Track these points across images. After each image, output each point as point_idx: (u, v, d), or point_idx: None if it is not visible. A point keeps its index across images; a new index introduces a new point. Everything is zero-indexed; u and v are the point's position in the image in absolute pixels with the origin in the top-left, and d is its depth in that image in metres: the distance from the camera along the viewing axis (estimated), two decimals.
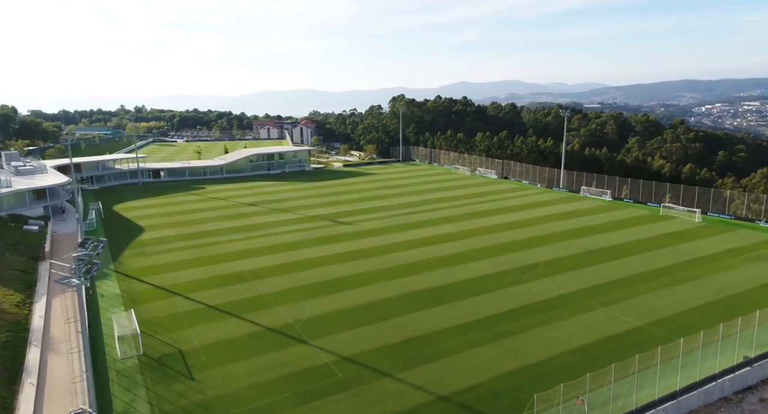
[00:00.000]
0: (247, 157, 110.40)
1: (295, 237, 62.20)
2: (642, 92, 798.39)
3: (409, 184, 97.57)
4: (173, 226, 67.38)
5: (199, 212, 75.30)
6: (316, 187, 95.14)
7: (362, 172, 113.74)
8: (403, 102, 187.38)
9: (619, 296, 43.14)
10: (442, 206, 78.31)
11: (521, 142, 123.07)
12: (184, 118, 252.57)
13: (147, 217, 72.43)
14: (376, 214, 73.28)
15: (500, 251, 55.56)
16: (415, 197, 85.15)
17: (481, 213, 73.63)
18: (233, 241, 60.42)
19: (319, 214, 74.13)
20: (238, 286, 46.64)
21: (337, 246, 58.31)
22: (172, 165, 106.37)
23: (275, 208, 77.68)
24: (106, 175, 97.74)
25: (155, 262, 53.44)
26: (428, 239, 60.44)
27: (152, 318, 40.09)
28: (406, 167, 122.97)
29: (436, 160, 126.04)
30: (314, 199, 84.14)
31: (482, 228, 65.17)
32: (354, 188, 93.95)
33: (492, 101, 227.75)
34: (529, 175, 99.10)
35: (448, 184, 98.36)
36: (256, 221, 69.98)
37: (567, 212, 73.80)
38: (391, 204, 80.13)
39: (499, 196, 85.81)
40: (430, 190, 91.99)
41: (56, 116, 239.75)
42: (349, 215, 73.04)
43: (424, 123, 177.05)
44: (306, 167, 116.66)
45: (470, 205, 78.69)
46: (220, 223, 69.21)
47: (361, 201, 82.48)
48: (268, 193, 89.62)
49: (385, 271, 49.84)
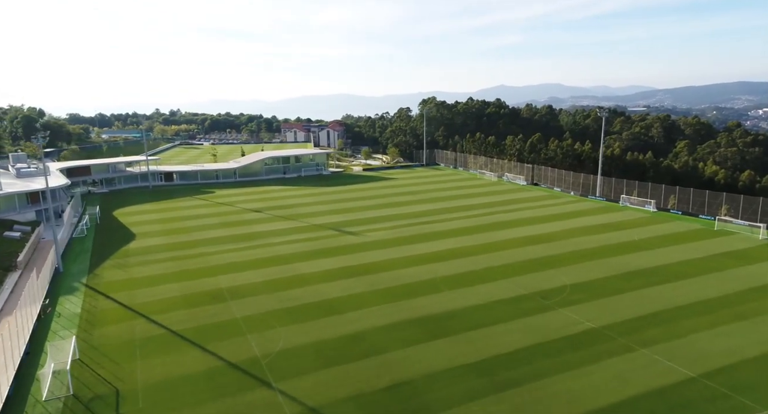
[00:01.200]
0: (262, 161, 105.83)
1: (292, 248, 56.24)
2: (692, 95, 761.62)
3: (428, 191, 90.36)
4: (166, 234, 62.68)
5: (199, 219, 70.55)
6: (329, 193, 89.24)
7: (381, 177, 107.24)
8: (433, 104, 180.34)
9: (664, 334, 34.87)
10: (460, 216, 70.82)
11: (556, 145, 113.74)
12: (215, 121, 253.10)
13: (143, 224, 68.16)
14: (386, 224, 66.57)
15: (520, 270, 47.83)
16: (432, 205, 77.91)
17: (502, 224, 65.75)
18: (223, 253, 54.98)
19: (326, 222, 68.06)
20: (211, 306, 40.86)
21: (336, 260, 51.94)
22: (184, 168, 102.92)
23: (280, 215, 72.12)
24: (116, 178, 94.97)
25: (132, 275, 48.44)
26: (438, 254, 53.26)
27: (103, 345, 34.66)
28: (428, 172, 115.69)
29: (462, 164, 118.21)
30: (324, 206, 78.18)
31: (502, 242, 57.42)
32: (369, 194, 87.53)
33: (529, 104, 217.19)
34: (563, 182, 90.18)
35: (470, 190, 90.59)
36: (256, 230, 64.53)
37: (602, 225, 65.01)
38: (405, 212, 73.21)
39: (525, 205, 77.50)
40: (449, 197, 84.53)
41: (92, 119, 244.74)
42: (357, 224, 66.64)
43: (454, 126, 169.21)
44: (323, 171, 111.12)
45: (492, 215, 70.86)
46: (216, 231, 64.09)
47: (373, 208, 75.94)
48: (277, 199, 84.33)
49: (383, 293, 43.06)
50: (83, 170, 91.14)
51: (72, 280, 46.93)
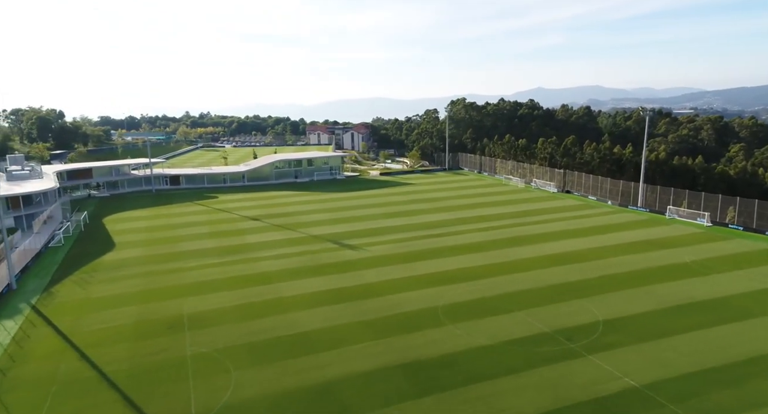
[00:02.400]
0: (272, 164, 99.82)
1: (279, 264, 49.25)
2: (744, 96, 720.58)
3: (446, 198, 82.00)
4: (148, 245, 56.84)
5: (189, 227, 64.61)
6: (338, 200, 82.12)
7: (398, 182, 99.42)
8: (461, 105, 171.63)
9: (735, 401, 25.87)
10: (477, 227, 62.33)
11: (592, 148, 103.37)
12: (242, 123, 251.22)
13: (129, 232, 62.70)
14: (392, 236, 58.84)
15: (542, 299, 39.25)
16: (448, 214, 69.60)
17: (526, 239, 56.94)
18: (202, 268, 48.49)
19: (326, 232, 60.90)
20: (163, 339, 34.14)
21: (325, 280, 44.60)
22: (191, 171, 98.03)
23: (278, 224, 65.41)
24: (119, 182, 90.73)
25: (91, 294, 42.39)
26: (446, 275, 45.16)
27: (12, 390, 28.31)
28: (450, 177, 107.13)
29: (488, 169, 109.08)
30: (328, 214, 71.05)
31: (523, 261, 48.78)
32: (380, 201, 79.92)
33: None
34: (599, 190, 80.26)
35: (493, 198, 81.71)
36: (247, 241, 57.96)
37: (646, 242, 55.36)
38: (416, 222, 65.25)
39: (554, 216, 68.23)
40: (468, 205, 75.96)
41: (122, 122, 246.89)
42: (361, 236, 59.18)
43: (483, 128, 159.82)
44: (337, 175, 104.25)
45: (514, 227, 62.07)
46: (203, 242, 57.86)
47: (381, 217, 68.30)
48: (280, 205, 77.78)
49: (371, 326, 35.42)
50: (84, 173, 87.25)
51: (20, 300, 41.24)
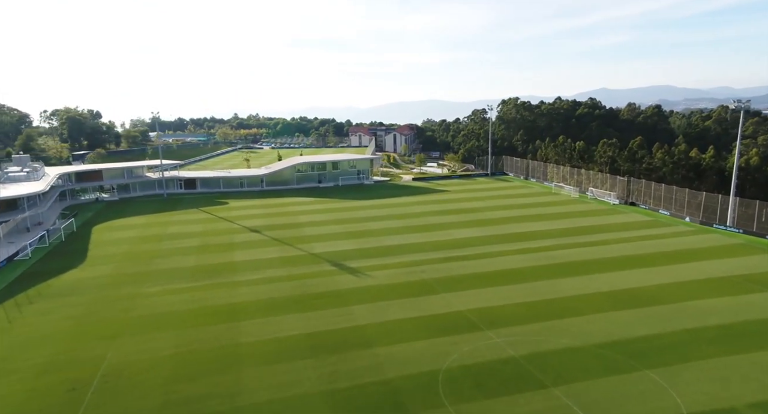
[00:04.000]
0: (293, 167, 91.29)
1: (256, 293, 39.75)
2: None
3: (483, 209, 69.93)
4: (122, 261, 49.10)
5: (179, 239, 56.65)
6: (357, 209, 72.03)
7: (432, 189, 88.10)
8: (512, 105, 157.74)
9: None
10: (515, 248, 50.29)
11: (663, 152, 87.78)
12: (287, 125, 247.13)
13: (111, 244, 55.49)
14: (407, 257, 48.03)
15: (593, 366, 27.24)
16: (481, 230, 57.80)
17: (577, 266, 44.43)
18: (164, 295, 39.82)
19: (329, 250, 51.02)
20: (58, 397, 25.24)
21: (303, 319, 34.62)
22: (207, 174, 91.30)
23: (277, 238, 56.19)
24: (131, 185, 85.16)
25: (14, 328, 34.49)
26: (460, 319, 33.97)
27: None
28: (491, 183, 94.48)
29: (536, 174, 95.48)
30: (341, 226, 61.14)
31: (572, 300, 36.66)
32: (405, 212, 69.07)
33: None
34: (673, 203, 65.64)
35: (539, 210, 68.81)
36: (233, 258, 49.04)
37: (743, 277, 41.45)
38: (440, 240, 54.04)
39: (614, 236, 54.87)
40: (508, 218, 63.69)
41: (170, 124, 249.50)
42: (369, 255, 48.82)
43: (536, 129, 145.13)
44: (365, 180, 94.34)
45: (563, 250, 49.55)
46: (184, 259, 49.48)
47: (400, 232, 57.59)
48: (290, 215, 68.66)
49: (342, 401, 24.94)
50: (93, 175, 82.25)
51: None
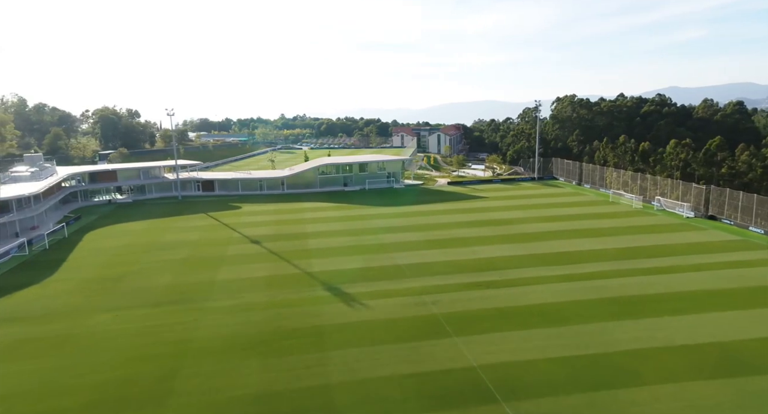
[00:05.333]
0: (316, 169, 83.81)
1: (214, 328, 32.09)
2: None
3: (522, 221, 59.28)
4: (93, 276, 42.99)
5: (168, 250, 50.17)
6: (377, 217, 63.25)
7: (467, 195, 77.92)
8: (567, 102, 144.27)
9: None
10: (558, 273, 39.95)
11: (748, 155, 73.58)
12: (331, 125, 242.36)
13: (95, 253, 49.78)
14: (420, 281, 38.94)
15: None
16: (517, 247, 47.52)
17: (631, 304, 33.72)
18: (105, 325, 32.97)
19: (329, 268, 42.79)
20: None
21: (256, 370, 26.47)
22: (225, 176, 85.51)
23: (276, 252, 48.49)
24: (147, 186, 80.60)
25: None
26: (466, 380, 24.73)
27: None
28: (537, 189, 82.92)
29: (591, 179, 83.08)
30: (353, 238, 52.69)
31: (623, 356, 26.41)
32: (431, 222, 59.63)
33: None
34: (766, 219, 52.54)
35: (591, 223, 57.38)
36: (214, 277, 41.77)
37: None
38: (465, 258, 44.46)
39: (690, 261, 43.12)
40: (552, 233, 52.92)
41: (217, 124, 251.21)
42: (374, 277, 40.17)
43: (595, 129, 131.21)
44: (395, 184, 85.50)
45: (620, 278, 38.73)
46: (159, 276, 42.73)
47: (419, 247, 48.40)
48: (300, 223, 60.92)
49: None
50: (108, 176, 78.30)
51: None
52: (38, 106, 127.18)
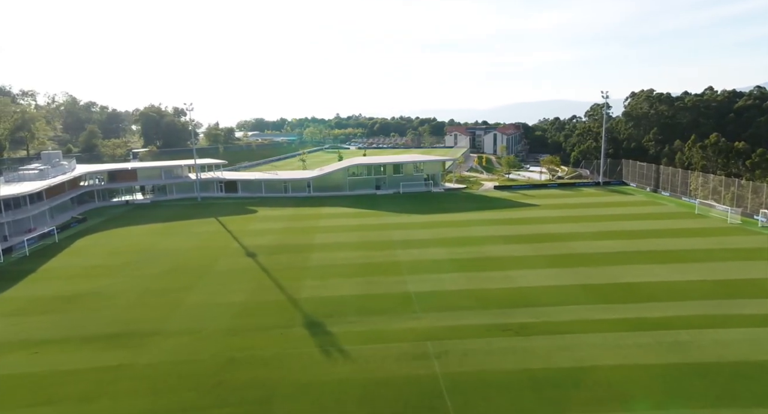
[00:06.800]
0: (345, 170, 75.46)
1: (142, 377, 24.20)
2: None
3: (576, 236, 47.47)
4: (42, 298, 36.85)
5: (151, 262, 43.55)
6: (401, 227, 53.71)
7: (515, 202, 66.44)
8: (643, 97, 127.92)
9: None
10: (612, 317, 28.86)
11: None
12: (385, 124, 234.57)
13: (71, 265, 44.10)
14: (423, 319, 29.41)
15: None
16: (565, 274, 36.44)
17: (734, 374, 22.22)
18: (12, 368, 25.99)
19: (319, 295, 34.21)
20: None
21: None
22: (249, 177, 79.08)
23: (267, 268, 40.45)
24: (167, 186, 75.75)
25: None
26: None
27: None
28: (602, 196, 69.74)
29: (671, 186, 68.84)
30: (364, 253, 43.63)
31: None
32: (460, 235, 49.26)
33: None
34: None
35: (670, 243, 44.70)
36: (177, 303, 34.36)
37: None
38: (490, 288, 34.23)
39: None
40: (615, 256, 41.11)
41: (271, 124, 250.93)
42: (367, 312, 31.12)
43: (677, 127, 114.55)
44: (433, 187, 75.48)
45: (706, 329, 27.15)
46: (111, 301, 35.85)
47: (435, 270, 38.57)
48: (310, 232, 52.60)
49: None
50: (127, 175, 74.13)
51: None
52: (87, 104, 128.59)
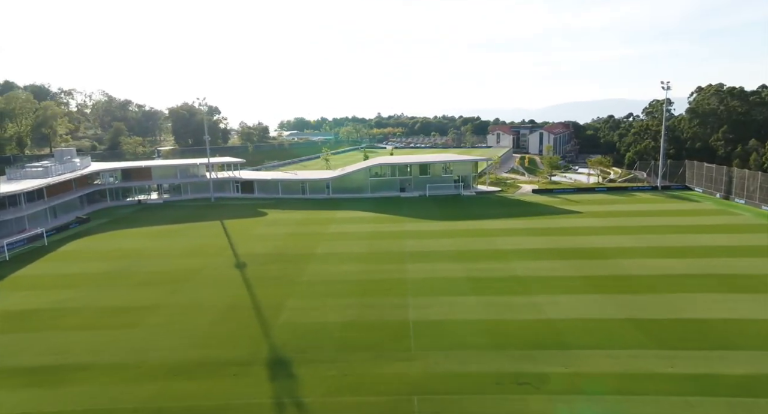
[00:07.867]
0: (366, 171, 69.33)
1: None
2: None
3: (623, 253, 39.15)
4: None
5: (130, 273, 39.14)
6: (412, 236, 46.89)
7: (555, 208, 58.13)
8: (711, 91, 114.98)
9: None
10: (672, 372, 21.20)
11: None
12: (426, 123, 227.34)
13: (46, 275, 40.35)
14: (419, 362, 22.90)
15: None
16: (606, 302, 28.78)
17: None
18: None
19: (302, 321, 28.48)
20: None
21: None
22: (266, 177, 74.42)
23: (255, 282, 35.02)
24: (182, 185, 72.34)
25: None
26: None
27: None
28: (659, 203, 60.12)
29: (746, 193, 58.40)
30: (360, 266, 37.45)
31: None
32: (483, 247, 42.00)
33: None
34: None
35: (747, 266, 35.78)
36: (132, 322, 29.46)
37: None
38: (513, 320, 27.17)
39: None
40: (669, 279, 32.88)
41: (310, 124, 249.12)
42: (351, 347, 25.04)
43: (751, 125, 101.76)
44: (463, 190, 68.13)
45: None
46: (66, 319, 31.40)
47: (447, 292, 31.84)
48: (314, 238, 46.81)
49: None
50: (142, 173, 71.13)
51: None
52: (123, 102, 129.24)
